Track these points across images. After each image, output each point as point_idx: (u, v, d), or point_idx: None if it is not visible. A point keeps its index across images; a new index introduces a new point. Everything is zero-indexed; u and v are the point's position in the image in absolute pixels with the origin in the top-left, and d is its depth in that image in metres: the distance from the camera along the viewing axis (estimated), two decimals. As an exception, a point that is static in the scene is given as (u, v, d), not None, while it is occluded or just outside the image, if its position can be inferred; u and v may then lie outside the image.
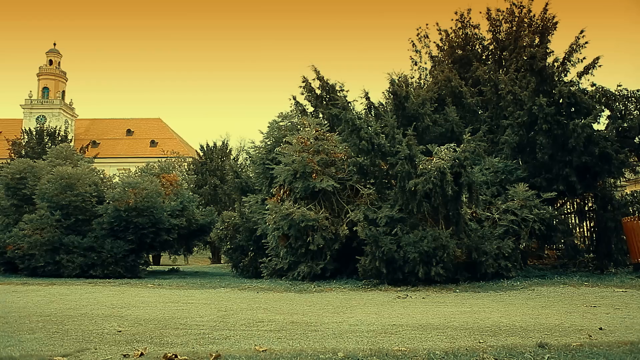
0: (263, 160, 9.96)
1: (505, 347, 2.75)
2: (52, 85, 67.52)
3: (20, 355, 2.72)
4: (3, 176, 12.66)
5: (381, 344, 2.95)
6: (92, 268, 10.71)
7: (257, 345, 2.92)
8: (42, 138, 35.09)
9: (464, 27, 13.11)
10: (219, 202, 27.18)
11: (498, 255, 7.52)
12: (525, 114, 9.02)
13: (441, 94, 11.01)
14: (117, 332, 3.45)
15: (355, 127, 7.83)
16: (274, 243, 8.65)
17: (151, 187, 11.26)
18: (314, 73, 11.05)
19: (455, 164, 7.41)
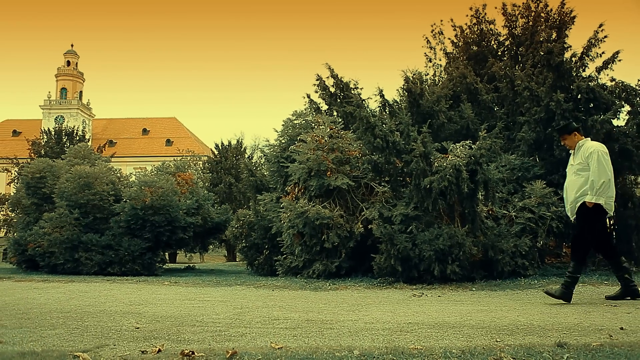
0: (277, 158, 9.99)
1: (523, 346, 2.72)
2: (70, 85, 68.66)
3: (43, 350, 2.77)
4: (24, 175, 12.93)
5: (397, 342, 2.94)
6: (110, 266, 10.88)
7: (273, 342, 2.93)
8: (61, 138, 35.73)
9: (479, 22, 12.97)
10: (234, 200, 27.38)
11: (515, 254, 7.43)
12: (542, 110, 8.90)
13: (456, 91, 10.91)
14: (135, 328, 3.50)
15: (370, 125, 7.80)
16: (289, 241, 8.68)
17: (167, 186, 11.38)
18: (328, 71, 11.04)
19: (471, 161, 7.34)
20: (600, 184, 4.64)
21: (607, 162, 4.73)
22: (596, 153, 4.74)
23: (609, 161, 4.75)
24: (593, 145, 4.88)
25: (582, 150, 4.91)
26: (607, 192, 4.68)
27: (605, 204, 4.70)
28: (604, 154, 4.76)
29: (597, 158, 4.71)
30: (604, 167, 4.69)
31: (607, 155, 4.77)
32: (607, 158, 4.75)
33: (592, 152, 4.77)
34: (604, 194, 4.66)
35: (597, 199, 4.67)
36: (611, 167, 4.81)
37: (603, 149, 4.82)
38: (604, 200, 4.67)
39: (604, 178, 4.65)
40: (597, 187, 4.65)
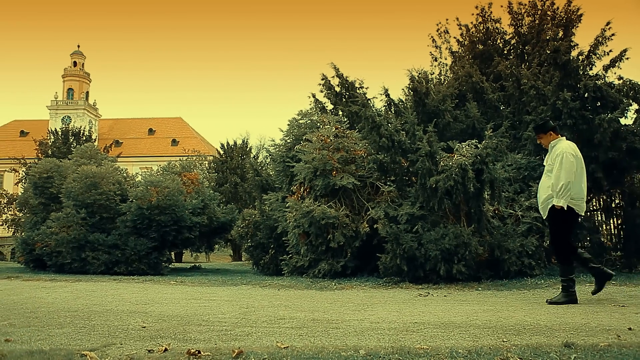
0: (283, 158, 9.99)
1: (529, 346, 2.71)
2: (76, 86, 69.10)
3: (50, 349, 2.79)
4: (31, 175, 13.03)
5: (403, 342, 2.94)
6: (116, 265, 10.93)
7: (278, 342, 2.93)
8: (68, 138, 35.96)
9: (485, 21, 12.91)
10: (240, 200, 27.44)
11: (521, 253, 7.40)
12: (548, 109, 8.85)
13: (462, 90, 10.87)
14: (142, 327, 3.51)
15: (375, 124, 7.79)
16: (295, 241, 8.68)
17: (173, 186, 11.43)
18: (334, 70, 11.03)
19: (477, 160, 7.31)
20: (560, 186, 4.65)
21: (572, 164, 4.69)
22: (561, 155, 4.72)
23: (573, 163, 4.71)
24: (562, 146, 4.84)
25: (553, 150, 4.91)
26: (570, 193, 4.66)
27: (572, 205, 4.70)
28: (569, 155, 4.71)
29: (561, 160, 4.70)
30: (565, 169, 4.66)
31: (572, 157, 4.72)
32: (573, 160, 4.71)
33: (559, 153, 4.76)
34: (565, 195, 4.65)
35: (557, 200, 4.68)
36: (581, 169, 4.80)
37: (570, 151, 4.78)
38: (565, 201, 4.66)
39: (565, 180, 4.63)
40: (558, 189, 4.66)
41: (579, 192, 4.72)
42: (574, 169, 4.68)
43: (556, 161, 4.74)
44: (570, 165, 4.67)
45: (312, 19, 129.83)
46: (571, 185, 4.64)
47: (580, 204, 4.75)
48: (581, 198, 4.74)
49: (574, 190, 4.68)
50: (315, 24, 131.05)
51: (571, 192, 4.66)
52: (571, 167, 4.66)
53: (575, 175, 4.68)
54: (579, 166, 4.75)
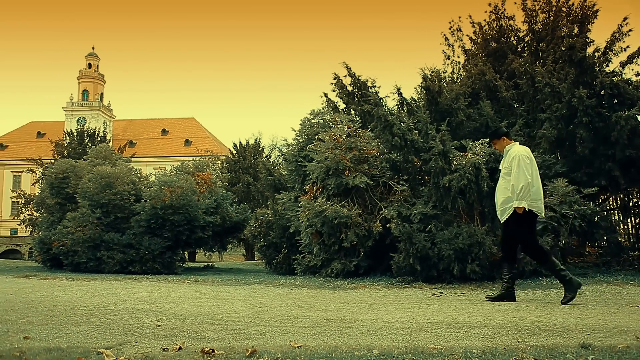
0: (295, 157, 10.01)
1: (545, 347, 2.67)
2: (91, 87, 70.05)
3: (68, 346, 2.83)
4: (48, 176, 13.25)
5: (416, 341, 2.92)
6: (131, 264, 11.05)
7: (292, 341, 2.94)
8: (83, 139, 36.45)
9: (498, 18, 12.77)
10: (252, 199, 27.56)
11: (536, 253, 7.30)
12: (564, 106, 8.73)
13: (475, 88, 10.77)
14: (156, 326, 3.54)
15: (388, 124, 7.76)
16: (307, 240, 8.69)
17: (186, 186, 11.52)
18: (346, 70, 11.01)
19: (491, 159, 7.25)
20: (519, 188, 4.73)
21: (527, 166, 4.77)
22: (517, 158, 4.81)
23: (529, 165, 4.79)
24: (517, 150, 4.93)
25: (508, 154, 5.00)
26: (529, 195, 4.74)
27: (531, 206, 4.78)
28: (525, 157, 4.80)
29: (517, 163, 4.79)
30: (523, 171, 4.74)
31: (528, 160, 4.81)
32: (528, 162, 4.80)
33: (515, 156, 4.85)
34: (525, 197, 4.73)
35: (519, 202, 4.75)
36: (535, 171, 4.88)
37: (525, 153, 4.86)
38: (526, 203, 4.74)
39: (524, 181, 4.72)
40: (517, 191, 4.75)
41: (536, 193, 4.82)
42: (530, 170, 4.78)
43: (512, 164, 4.84)
44: (527, 166, 4.77)
45: (324, 19, 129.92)
46: (530, 186, 4.74)
47: (539, 205, 4.86)
48: (539, 199, 4.85)
49: (532, 192, 4.78)
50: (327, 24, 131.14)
51: (530, 193, 4.76)
52: (527, 169, 4.76)
53: (532, 176, 4.79)
54: (534, 168, 4.86)
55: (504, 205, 4.94)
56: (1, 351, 2.72)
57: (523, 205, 4.73)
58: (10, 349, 2.76)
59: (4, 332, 3.32)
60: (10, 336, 3.18)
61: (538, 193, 4.84)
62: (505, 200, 4.91)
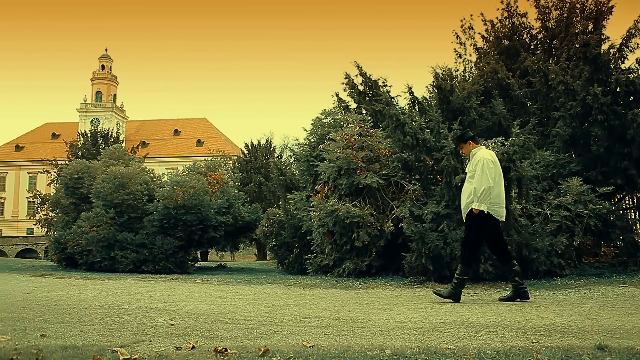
0: (307, 157, 10.01)
1: (560, 348, 2.64)
2: (104, 89, 70.86)
3: (83, 344, 2.87)
4: (62, 177, 13.41)
5: (429, 341, 2.91)
6: (144, 264, 11.15)
7: (304, 340, 2.94)
8: (97, 140, 36.86)
9: (511, 16, 12.65)
10: (264, 199, 27.65)
11: (550, 253, 7.23)
12: (578, 104, 8.62)
13: (487, 87, 10.68)
14: (170, 325, 3.57)
15: (400, 123, 7.73)
16: (319, 240, 8.70)
17: (198, 186, 11.58)
18: (357, 69, 10.99)
19: (504, 158, 7.17)
20: (481, 191, 4.87)
21: (491, 170, 4.90)
22: (481, 161, 4.95)
23: (492, 169, 4.92)
24: (482, 154, 5.07)
25: (474, 158, 5.12)
26: (490, 198, 4.88)
27: (491, 210, 4.93)
28: (489, 162, 4.94)
29: (481, 166, 4.92)
30: (486, 175, 4.87)
31: (492, 164, 4.94)
32: (492, 166, 4.92)
33: (479, 160, 4.99)
34: (485, 200, 4.87)
35: (479, 205, 4.89)
36: (499, 175, 5.01)
37: (489, 157, 5.00)
38: (485, 206, 4.88)
39: (485, 185, 4.85)
40: (479, 194, 4.88)
41: (496, 197, 4.96)
42: (492, 174, 4.91)
43: (477, 167, 4.98)
44: (490, 171, 4.90)
45: (335, 19, 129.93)
46: (491, 190, 4.87)
47: (498, 209, 5.00)
48: (498, 203, 4.99)
49: (493, 195, 4.91)
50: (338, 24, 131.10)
51: (491, 197, 4.89)
52: (490, 173, 4.89)
53: (494, 181, 4.91)
54: (497, 173, 4.99)
55: (467, 207, 5.08)
56: (19, 348, 2.77)
57: (482, 207, 4.88)
58: (28, 347, 2.81)
59: (22, 330, 3.37)
60: (28, 334, 3.24)
61: (499, 197, 4.98)
62: (469, 202, 5.04)
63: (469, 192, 5.05)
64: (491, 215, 4.95)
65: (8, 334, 3.22)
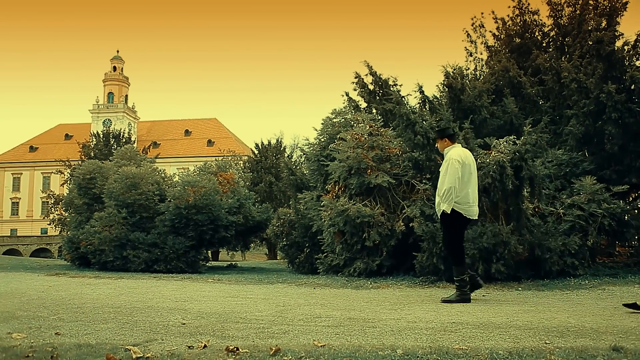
0: (317, 157, 10.01)
1: (574, 349, 2.61)
2: (116, 90, 71.54)
3: (97, 343, 2.90)
4: (76, 177, 13.55)
5: (441, 342, 2.89)
6: (156, 263, 11.22)
7: (315, 340, 2.94)
8: (109, 140, 37.22)
9: (522, 13, 12.55)
10: (275, 199, 27.70)
11: (563, 253, 7.15)
12: (591, 102, 8.52)
13: (498, 85, 10.60)
14: (182, 324, 3.60)
15: (410, 122, 7.71)
16: (330, 239, 8.69)
17: (209, 186, 11.64)
18: (367, 68, 10.97)
19: (516, 157, 7.11)
20: (443, 191, 4.94)
21: (456, 170, 4.93)
22: (448, 161, 5.01)
23: (458, 169, 4.94)
24: (452, 153, 5.10)
25: (445, 157, 5.19)
26: (452, 198, 4.92)
27: (460, 209, 4.97)
28: (455, 162, 4.96)
29: (447, 167, 4.99)
30: (451, 175, 4.92)
31: (458, 164, 4.96)
32: (458, 167, 4.95)
33: (447, 159, 5.06)
34: (449, 199, 4.92)
35: (442, 204, 4.97)
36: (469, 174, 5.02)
37: (457, 157, 5.00)
38: (448, 205, 4.93)
39: (447, 185, 4.91)
40: (442, 193, 4.97)
41: (464, 197, 4.97)
42: (457, 175, 4.92)
43: (444, 167, 5.07)
44: (455, 171, 4.93)
45: (344, 19, 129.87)
46: (454, 190, 4.90)
47: (467, 208, 5.00)
48: (467, 202, 4.99)
49: (459, 195, 4.94)
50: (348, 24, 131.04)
51: (454, 196, 4.93)
52: (455, 173, 4.92)
53: (460, 181, 4.93)
54: (465, 172, 4.98)
55: (437, 207, 5.17)
56: (35, 346, 2.81)
57: (445, 207, 4.95)
58: (43, 344, 2.85)
59: (37, 328, 3.42)
60: (43, 332, 3.28)
61: (467, 196, 4.99)
62: (438, 202, 5.13)
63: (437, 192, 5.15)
64: (461, 214, 4.99)
65: (24, 331, 3.27)
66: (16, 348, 2.76)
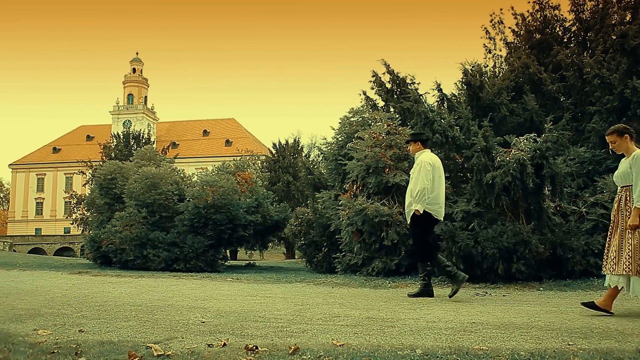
0: (335, 156, 10.01)
1: (599, 351, 2.56)
2: (135, 91, 72.56)
3: (119, 340, 2.95)
4: (97, 177, 13.81)
5: (461, 342, 2.86)
6: (175, 262, 11.35)
7: (334, 339, 2.94)
8: (129, 141, 37.73)
9: (542, 9, 12.32)
10: (292, 198, 27.79)
11: (586, 252, 7.01)
12: (615, 98, 8.34)
13: (518, 82, 10.44)
14: (201, 322, 3.63)
15: (428, 120, 7.65)
16: (348, 238, 8.68)
17: (227, 185, 11.72)
18: (384, 67, 10.92)
19: (537, 155, 6.99)
20: (416, 192, 5.13)
21: (428, 172, 5.13)
22: (420, 164, 5.23)
23: (430, 172, 5.14)
24: (422, 157, 5.32)
25: (416, 160, 5.39)
26: (425, 199, 5.11)
27: (430, 210, 5.16)
28: (427, 164, 5.17)
29: (419, 169, 5.20)
30: (422, 177, 5.12)
31: (430, 166, 5.17)
32: (430, 169, 5.15)
33: (419, 162, 5.28)
34: (422, 201, 5.11)
35: (415, 205, 5.14)
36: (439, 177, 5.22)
37: (428, 160, 5.23)
38: (420, 206, 5.11)
39: (420, 187, 5.10)
40: (415, 195, 5.15)
41: (435, 198, 5.19)
42: (430, 176, 5.14)
43: (416, 170, 5.26)
44: (427, 173, 5.13)
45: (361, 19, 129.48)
46: (427, 191, 5.11)
47: (437, 209, 5.22)
48: (437, 204, 5.21)
49: (430, 196, 5.14)
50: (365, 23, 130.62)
51: (427, 197, 5.12)
52: (427, 175, 5.13)
53: (432, 183, 5.14)
54: (436, 175, 5.21)
55: (408, 208, 5.33)
56: (59, 342, 2.87)
57: (418, 208, 5.12)
58: (68, 341, 2.91)
59: (62, 325, 3.50)
60: (67, 329, 3.36)
61: (437, 198, 5.20)
62: (408, 204, 5.31)
63: (410, 192, 5.32)
64: (431, 214, 5.19)
65: (49, 328, 3.35)
66: (42, 344, 2.82)
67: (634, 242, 3.87)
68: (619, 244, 3.99)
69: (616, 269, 3.95)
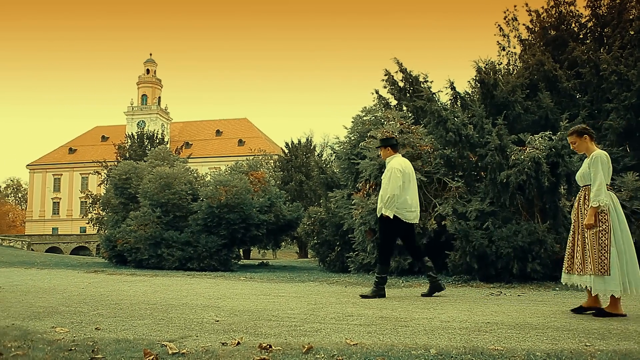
0: (348, 155, 9.99)
1: (617, 352, 2.52)
2: (149, 92, 73.26)
3: (134, 338, 2.99)
4: (112, 177, 14.00)
5: (475, 342, 2.84)
6: (189, 261, 11.45)
7: (347, 338, 2.94)
8: (143, 141, 38.07)
9: (558, 5, 12.16)
10: (305, 197, 27.83)
11: (604, 251, 6.89)
12: (633, 95, 8.20)
13: (533, 79, 10.32)
14: (215, 321, 3.66)
15: (442, 119, 7.58)
16: (361, 238, 8.66)
17: (241, 185, 11.78)
18: (397, 65, 10.87)
19: (552, 153, 6.91)
20: (387, 198, 5.24)
21: (398, 179, 5.25)
22: (390, 170, 5.33)
23: (399, 178, 5.25)
24: (393, 162, 5.42)
25: (387, 166, 5.49)
26: (394, 204, 5.22)
27: (399, 214, 5.26)
28: (397, 171, 5.28)
29: (389, 175, 5.31)
30: (392, 183, 5.23)
31: (399, 173, 5.29)
32: (399, 175, 5.27)
33: (389, 168, 5.38)
34: (391, 206, 5.23)
35: (385, 210, 5.25)
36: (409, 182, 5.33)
37: (398, 166, 5.32)
38: (391, 211, 5.23)
39: (390, 193, 5.21)
40: (385, 200, 5.26)
41: (403, 203, 5.30)
42: (399, 183, 5.25)
43: (386, 176, 5.36)
44: (397, 179, 5.25)
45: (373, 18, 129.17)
46: (396, 197, 5.22)
47: (406, 213, 5.32)
48: (405, 208, 5.31)
49: (401, 202, 5.26)
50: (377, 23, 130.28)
51: (395, 203, 5.23)
52: (397, 181, 5.24)
53: (401, 188, 5.26)
54: (405, 180, 5.33)
55: (379, 212, 5.43)
56: (77, 340, 2.91)
57: (389, 213, 5.23)
58: (84, 339, 2.96)
59: (79, 323, 3.55)
60: (84, 327, 3.40)
61: (406, 203, 5.31)
62: (379, 208, 5.42)
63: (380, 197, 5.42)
64: (399, 218, 5.28)
65: (66, 326, 3.40)
66: (60, 341, 2.87)
67: (590, 241, 3.86)
68: (583, 244, 3.96)
69: (584, 269, 3.92)
